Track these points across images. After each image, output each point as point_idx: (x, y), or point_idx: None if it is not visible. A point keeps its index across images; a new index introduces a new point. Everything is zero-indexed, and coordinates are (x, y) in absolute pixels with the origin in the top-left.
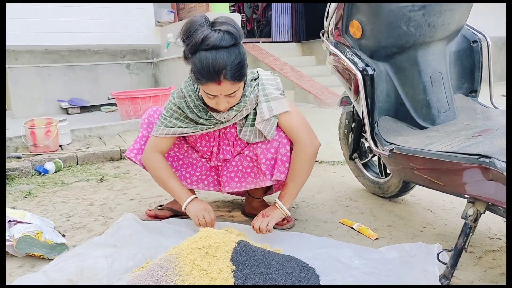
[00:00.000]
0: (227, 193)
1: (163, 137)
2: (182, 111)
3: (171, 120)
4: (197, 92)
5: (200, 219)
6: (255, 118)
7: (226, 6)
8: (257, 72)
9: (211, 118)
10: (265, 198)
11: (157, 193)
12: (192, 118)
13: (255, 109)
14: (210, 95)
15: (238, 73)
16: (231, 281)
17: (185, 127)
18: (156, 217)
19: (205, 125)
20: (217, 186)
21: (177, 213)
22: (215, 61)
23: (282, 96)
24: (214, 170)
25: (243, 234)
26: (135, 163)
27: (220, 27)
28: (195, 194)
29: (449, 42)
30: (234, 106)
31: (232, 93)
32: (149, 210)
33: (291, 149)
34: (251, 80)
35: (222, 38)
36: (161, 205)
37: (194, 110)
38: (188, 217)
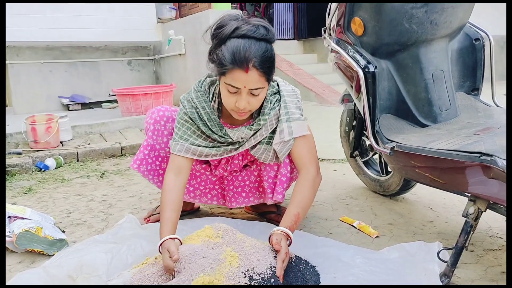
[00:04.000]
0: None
1: (181, 156)
2: (194, 122)
3: (188, 134)
4: (212, 103)
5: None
6: (272, 137)
7: (227, 4)
8: (277, 85)
9: (226, 136)
10: None
11: (158, 190)
12: (204, 131)
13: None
14: (232, 87)
15: (267, 67)
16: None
17: (203, 146)
18: (156, 222)
19: (221, 143)
20: (221, 200)
21: None
22: (246, 47)
23: (304, 118)
24: (219, 183)
25: (235, 255)
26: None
27: (254, 22)
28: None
29: (451, 40)
30: (253, 125)
31: (256, 89)
32: (147, 219)
33: (292, 170)
34: (271, 95)
35: (256, 30)
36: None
37: (208, 124)
38: (187, 216)
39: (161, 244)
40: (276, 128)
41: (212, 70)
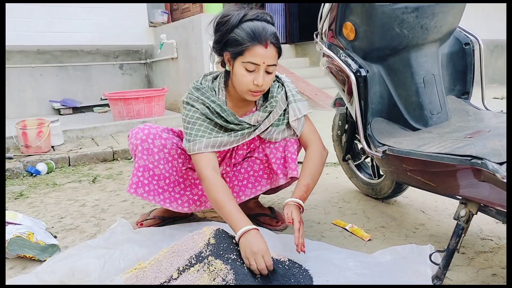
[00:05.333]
0: None
1: (205, 153)
2: (208, 117)
3: (204, 126)
4: (219, 96)
5: (251, 263)
6: (279, 119)
7: (219, 6)
8: (276, 76)
9: (242, 123)
10: (260, 197)
11: None
12: (220, 123)
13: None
14: (252, 64)
15: (279, 46)
16: (231, 273)
17: (220, 136)
18: (149, 226)
19: (238, 130)
20: None
21: (167, 219)
22: (263, 25)
23: (304, 99)
24: None
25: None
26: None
27: (256, 10)
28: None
29: (442, 44)
30: (266, 107)
31: (272, 66)
32: (140, 224)
33: (298, 148)
34: (274, 81)
35: (263, 15)
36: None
37: (223, 115)
38: (180, 221)
39: (244, 233)
40: (284, 110)
41: (220, 59)
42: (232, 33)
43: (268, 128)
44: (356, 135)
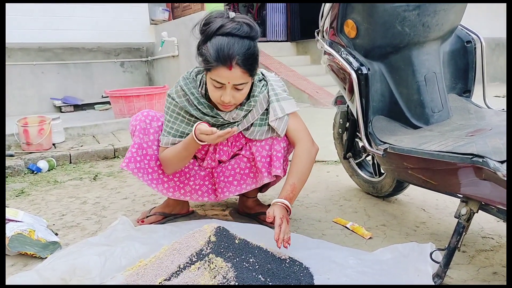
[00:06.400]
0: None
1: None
2: (186, 110)
3: (177, 124)
4: (199, 89)
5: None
6: (263, 118)
7: (221, 5)
8: (262, 74)
9: (217, 116)
10: (260, 196)
11: (151, 192)
12: (196, 116)
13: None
14: (217, 82)
15: (250, 64)
16: (231, 271)
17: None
18: (150, 223)
19: (214, 126)
20: (212, 195)
21: (168, 216)
22: (229, 45)
23: (291, 97)
24: (208, 178)
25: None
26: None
27: (238, 20)
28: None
29: (443, 42)
30: (244, 105)
31: (240, 84)
32: (141, 221)
33: (286, 146)
34: (258, 81)
35: (240, 28)
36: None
37: (199, 107)
38: (181, 218)
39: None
40: (266, 109)
41: (200, 64)
42: (205, 45)
43: (250, 128)
44: (357, 133)
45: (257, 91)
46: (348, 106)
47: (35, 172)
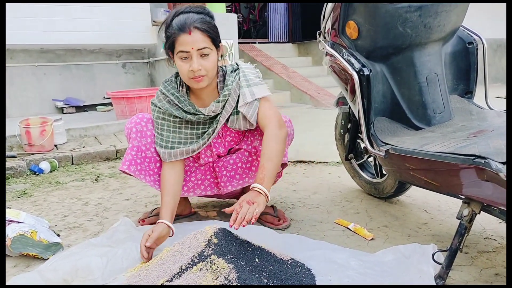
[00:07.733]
0: (227, 195)
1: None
2: (169, 113)
3: (165, 130)
4: (180, 88)
5: (142, 250)
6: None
7: (222, 6)
8: (237, 64)
9: (199, 113)
10: None
11: (153, 193)
12: (179, 115)
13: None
14: (183, 53)
15: (207, 27)
16: (233, 272)
17: (189, 143)
18: (151, 224)
19: (198, 126)
20: (215, 189)
21: None
22: (185, 17)
23: (263, 82)
24: (210, 173)
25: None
26: (130, 175)
27: (188, 5)
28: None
29: (445, 43)
30: (220, 97)
31: (204, 49)
32: (142, 221)
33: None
34: (232, 72)
35: (193, 7)
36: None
37: (180, 105)
38: (183, 219)
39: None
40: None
41: (166, 48)
42: (167, 31)
43: (229, 117)
44: (359, 134)
45: (230, 80)
46: (350, 107)
47: (37, 173)
